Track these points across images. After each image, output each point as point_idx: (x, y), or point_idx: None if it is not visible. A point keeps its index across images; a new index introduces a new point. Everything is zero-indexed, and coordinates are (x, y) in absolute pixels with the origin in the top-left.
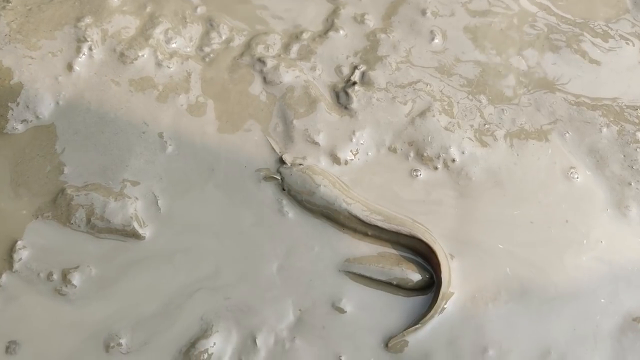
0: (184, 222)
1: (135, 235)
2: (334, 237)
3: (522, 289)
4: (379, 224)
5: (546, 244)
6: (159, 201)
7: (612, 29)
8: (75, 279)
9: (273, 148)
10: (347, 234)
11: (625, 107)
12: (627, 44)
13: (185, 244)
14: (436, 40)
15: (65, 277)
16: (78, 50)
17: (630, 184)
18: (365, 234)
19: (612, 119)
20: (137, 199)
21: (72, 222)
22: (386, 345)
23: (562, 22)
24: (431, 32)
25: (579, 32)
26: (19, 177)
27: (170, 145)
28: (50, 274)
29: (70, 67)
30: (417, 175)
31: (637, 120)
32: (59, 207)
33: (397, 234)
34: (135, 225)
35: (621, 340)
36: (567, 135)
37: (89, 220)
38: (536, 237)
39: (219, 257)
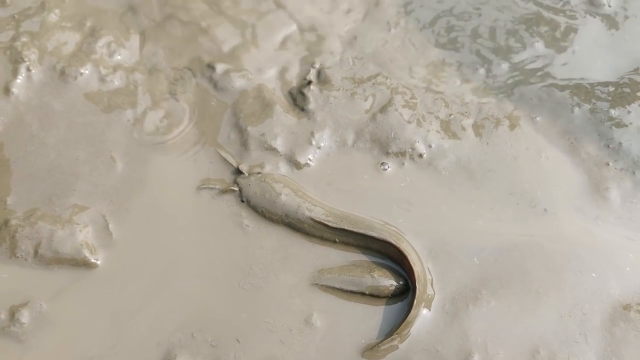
0: (139, 246)
1: (86, 264)
2: (301, 248)
3: (501, 285)
4: (346, 227)
5: (525, 235)
6: (110, 225)
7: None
8: (25, 316)
9: (227, 161)
10: (315, 243)
11: (595, 84)
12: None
13: (141, 269)
14: (393, 31)
15: (13, 315)
16: (15, 71)
17: (608, 164)
18: (334, 242)
19: (583, 98)
20: (86, 225)
21: (17, 255)
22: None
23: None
24: (387, 22)
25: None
26: None
27: (119, 164)
28: None
29: (7, 90)
30: (384, 170)
31: (609, 97)
32: (2, 240)
33: (366, 238)
34: (86, 253)
35: (612, 331)
36: (537, 118)
37: (36, 252)
38: (514, 229)
39: (177, 281)
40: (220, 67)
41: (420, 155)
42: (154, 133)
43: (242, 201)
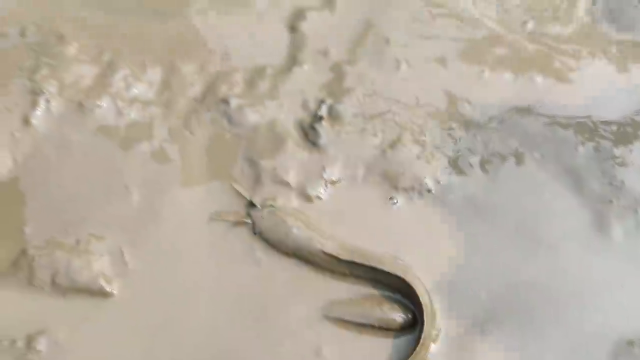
0: (153, 276)
1: (102, 294)
2: (312, 280)
3: (507, 320)
4: (356, 260)
5: (530, 271)
6: (125, 255)
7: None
8: (41, 344)
9: (241, 194)
10: (326, 276)
11: (599, 122)
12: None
13: (156, 299)
14: (402, 68)
15: (29, 343)
16: (34, 103)
17: (612, 202)
18: (344, 274)
19: (587, 136)
20: (102, 254)
21: (34, 284)
22: None
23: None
24: (396, 59)
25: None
26: None
27: (135, 195)
28: (13, 342)
29: (26, 121)
30: (394, 203)
31: (611, 136)
32: (20, 269)
33: (376, 271)
34: (102, 282)
35: None
36: (542, 156)
37: (53, 281)
38: (519, 265)
39: (190, 311)
40: (234, 102)
41: (429, 191)
42: (169, 165)
43: (255, 233)
